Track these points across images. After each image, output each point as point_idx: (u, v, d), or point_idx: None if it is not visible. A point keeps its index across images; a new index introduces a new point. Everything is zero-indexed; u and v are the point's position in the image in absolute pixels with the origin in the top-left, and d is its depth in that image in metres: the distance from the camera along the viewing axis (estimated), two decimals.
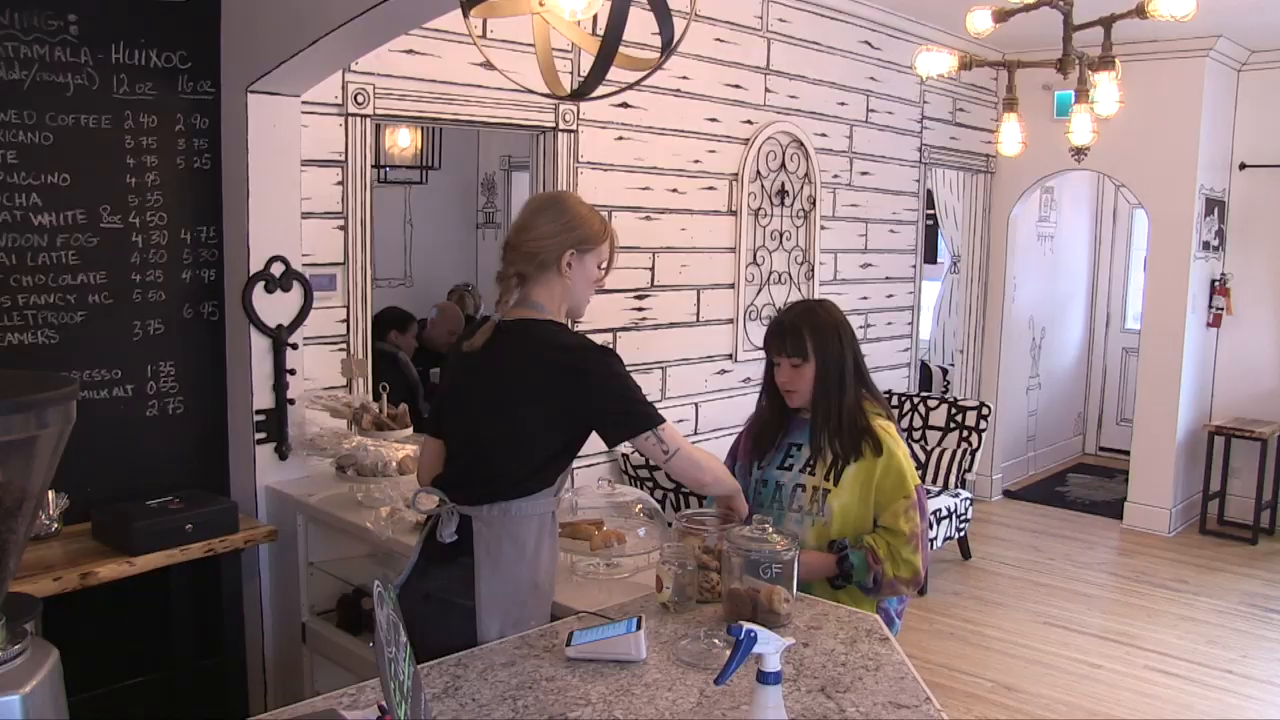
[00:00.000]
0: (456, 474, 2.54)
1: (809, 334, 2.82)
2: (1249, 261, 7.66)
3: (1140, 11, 3.70)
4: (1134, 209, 8.98)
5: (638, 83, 2.15)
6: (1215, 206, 7.50)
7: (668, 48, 1.93)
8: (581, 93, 1.97)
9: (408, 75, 4.07)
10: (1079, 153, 4.70)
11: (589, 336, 2.59)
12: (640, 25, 2.22)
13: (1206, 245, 7.45)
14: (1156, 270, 7.43)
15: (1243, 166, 7.61)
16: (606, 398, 2.45)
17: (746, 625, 1.84)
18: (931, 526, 5.23)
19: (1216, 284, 7.68)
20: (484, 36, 4.23)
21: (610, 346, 2.63)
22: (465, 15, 1.92)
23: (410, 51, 4.06)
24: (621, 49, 1.89)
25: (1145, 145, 7.16)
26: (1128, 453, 7.85)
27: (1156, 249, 7.43)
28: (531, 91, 2.51)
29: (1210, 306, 7.66)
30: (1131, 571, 6.74)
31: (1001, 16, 4.08)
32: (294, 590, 3.75)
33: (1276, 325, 7.60)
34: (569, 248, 2.49)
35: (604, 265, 2.60)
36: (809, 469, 2.84)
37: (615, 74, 2.14)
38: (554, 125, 4.58)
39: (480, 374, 2.51)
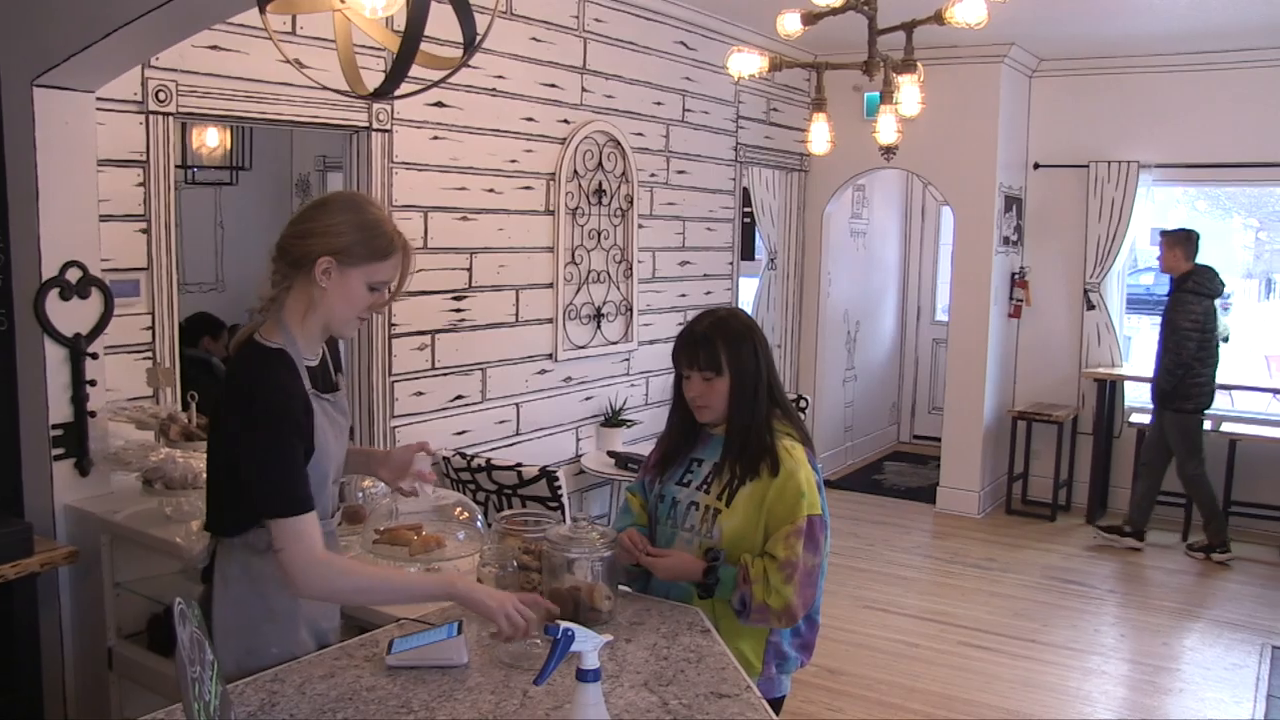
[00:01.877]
0: (208, 497, 2.38)
1: (723, 345, 2.63)
2: (1044, 255, 8.08)
3: (939, 18, 3.85)
4: (941, 206, 9.34)
5: (441, 81, 2.12)
6: (1013, 203, 7.88)
7: (470, 46, 1.91)
8: (382, 92, 1.93)
9: (213, 72, 3.92)
10: (888, 152, 4.85)
11: (277, 388, 2.20)
12: (449, 23, 2.19)
13: (1006, 240, 7.82)
14: (961, 264, 7.77)
15: (1037, 166, 8.02)
16: (245, 465, 2.17)
17: (564, 624, 1.84)
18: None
19: (1016, 277, 8.07)
20: (293, 33, 4.12)
21: (290, 407, 2.19)
22: (262, 11, 1.87)
23: (215, 48, 3.91)
24: (425, 48, 1.86)
25: (949, 145, 7.48)
26: (939, 440, 8.18)
27: (961, 244, 7.76)
28: (329, 89, 2.44)
29: (1011, 298, 8.05)
30: (945, 553, 7.02)
31: (810, 19, 4.18)
32: (99, 614, 3.55)
33: (1070, 315, 8.03)
34: (328, 253, 2.21)
35: (382, 288, 2.32)
36: (705, 487, 2.68)
37: (423, 73, 2.11)
38: (367, 125, 4.49)
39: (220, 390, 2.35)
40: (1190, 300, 6.66)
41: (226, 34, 3.92)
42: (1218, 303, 6.95)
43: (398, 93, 1.97)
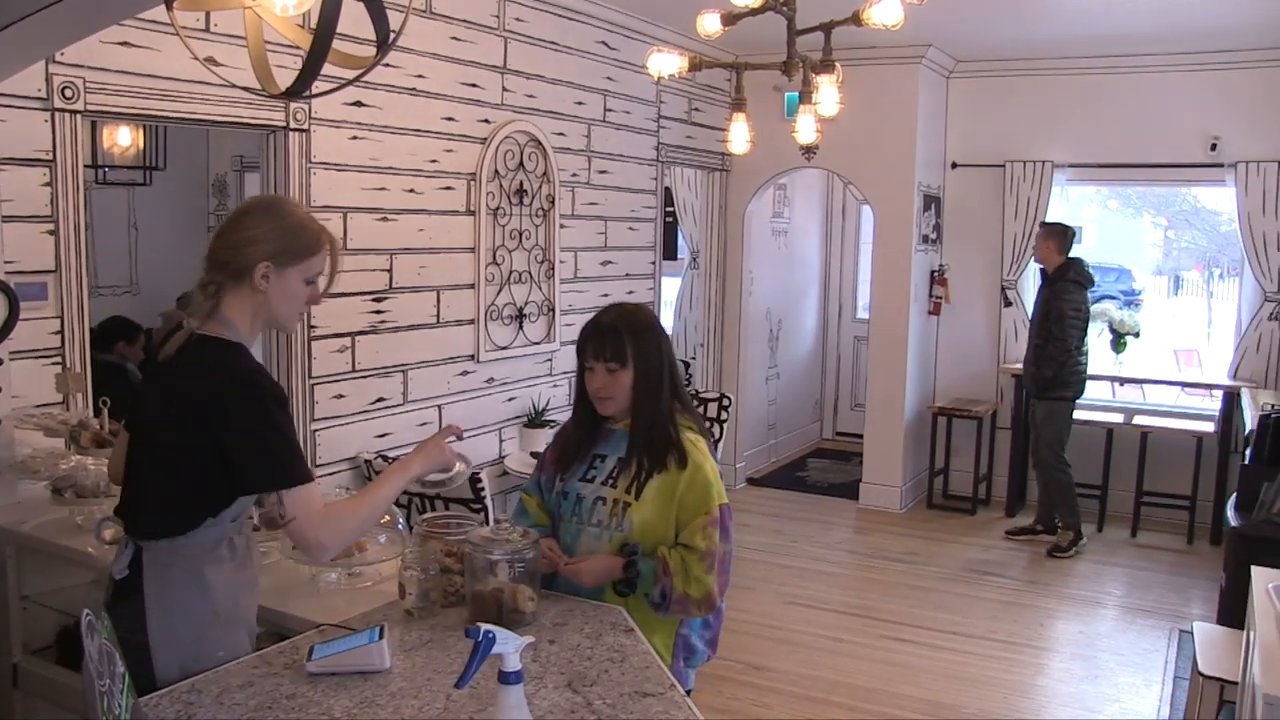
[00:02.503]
0: (132, 500, 2.37)
1: (628, 337, 2.65)
2: (963, 253, 8.21)
3: (856, 19, 3.89)
4: (861, 205, 9.44)
5: (355, 80, 2.10)
6: (932, 202, 7.99)
7: (384, 45, 1.89)
8: (294, 91, 1.90)
9: (124, 69, 3.83)
10: (808, 151, 4.89)
11: (262, 373, 2.34)
12: (365, 21, 2.17)
13: (925, 239, 7.93)
14: (881, 263, 7.86)
15: (954, 165, 8.14)
16: (247, 441, 2.22)
17: (485, 626, 1.83)
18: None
19: (935, 275, 8.19)
20: (207, 30, 4.04)
21: (277, 390, 2.32)
22: (169, 8, 1.83)
23: (125, 44, 3.82)
24: (339, 46, 1.83)
25: (869, 145, 7.57)
26: (862, 436, 8.27)
27: (881, 242, 7.85)
28: (239, 88, 2.40)
29: (930, 296, 8.16)
30: (868, 548, 7.10)
31: (729, 20, 4.20)
32: (2, 629, 3.45)
33: (988, 312, 8.17)
34: (264, 259, 2.29)
35: (317, 280, 2.40)
36: (611, 481, 2.69)
37: (340, 72, 2.08)
38: (285, 124, 4.42)
39: (158, 390, 2.36)
40: (1072, 290, 6.81)
41: (137, 30, 3.83)
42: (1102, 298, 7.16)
43: (311, 92, 1.94)
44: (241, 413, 2.22)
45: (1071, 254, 6.90)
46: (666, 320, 7.74)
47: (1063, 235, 6.90)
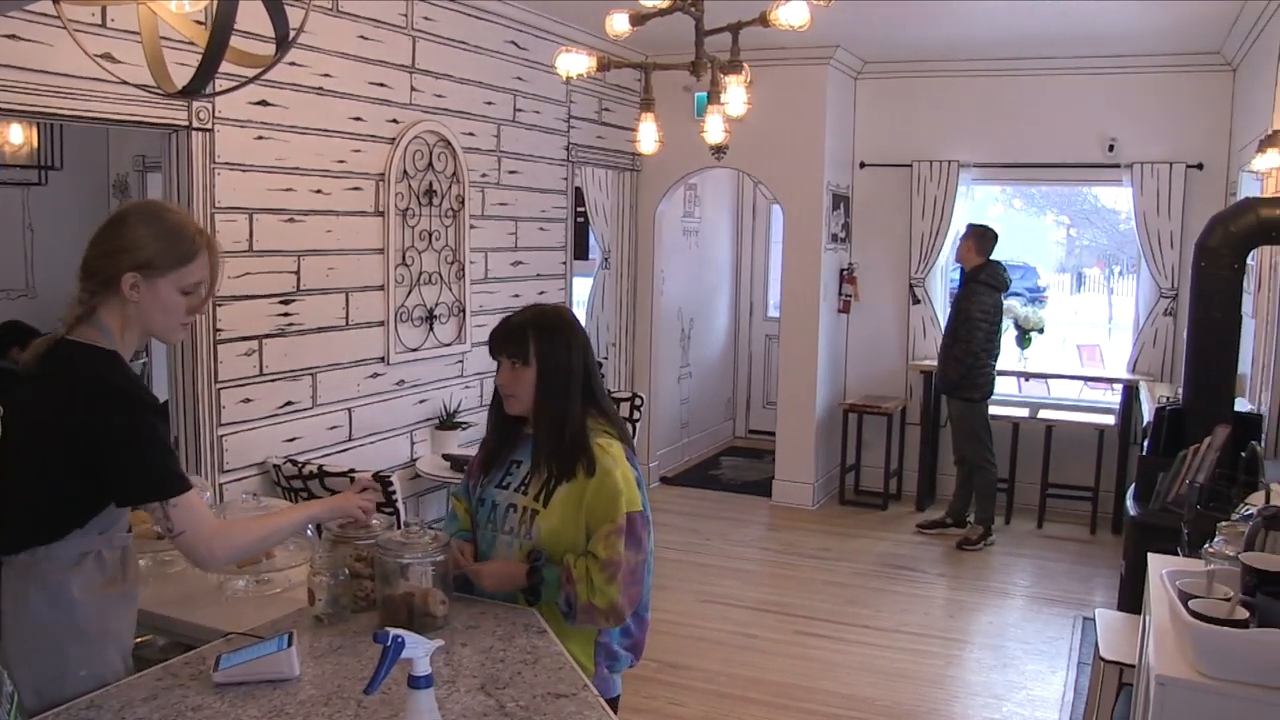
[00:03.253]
0: None
1: (533, 335, 2.63)
2: (872, 252, 8.32)
3: (764, 20, 3.91)
4: (771, 204, 9.52)
5: (255, 79, 2.05)
6: (841, 202, 8.09)
7: (283, 43, 1.86)
8: (191, 89, 1.85)
9: (13, 64, 3.70)
10: (717, 151, 4.90)
11: (135, 380, 2.27)
12: (269, 18, 2.13)
13: (835, 238, 8.02)
14: (791, 261, 7.93)
15: (863, 165, 8.25)
16: (122, 454, 2.15)
17: (393, 631, 1.81)
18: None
19: (845, 273, 8.29)
20: (104, 25, 3.94)
21: (151, 399, 2.25)
22: (56, 1, 1.78)
23: (14, 37, 3.69)
24: (239, 44, 1.80)
25: (778, 145, 7.63)
26: (774, 434, 8.34)
27: (790, 242, 7.93)
28: (133, 85, 2.34)
29: (840, 294, 8.26)
30: (781, 545, 7.17)
31: (638, 20, 4.19)
32: None
33: (897, 310, 8.29)
34: (132, 269, 2.20)
35: (197, 289, 2.30)
36: (523, 488, 2.65)
37: (243, 71, 2.04)
38: (187, 124, 4.32)
39: (21, 398, 2.26)
40: (983, 292, 6.95)
41: (28, 23, 3.70)
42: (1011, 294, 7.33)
43: (211, 90, 1.90)
44: (116, 423, 2.15)
45: (993, 257, 7.04)
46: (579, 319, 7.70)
47: (982, 237, 7.02)
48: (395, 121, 5.45)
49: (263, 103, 4.65)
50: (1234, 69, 7.14)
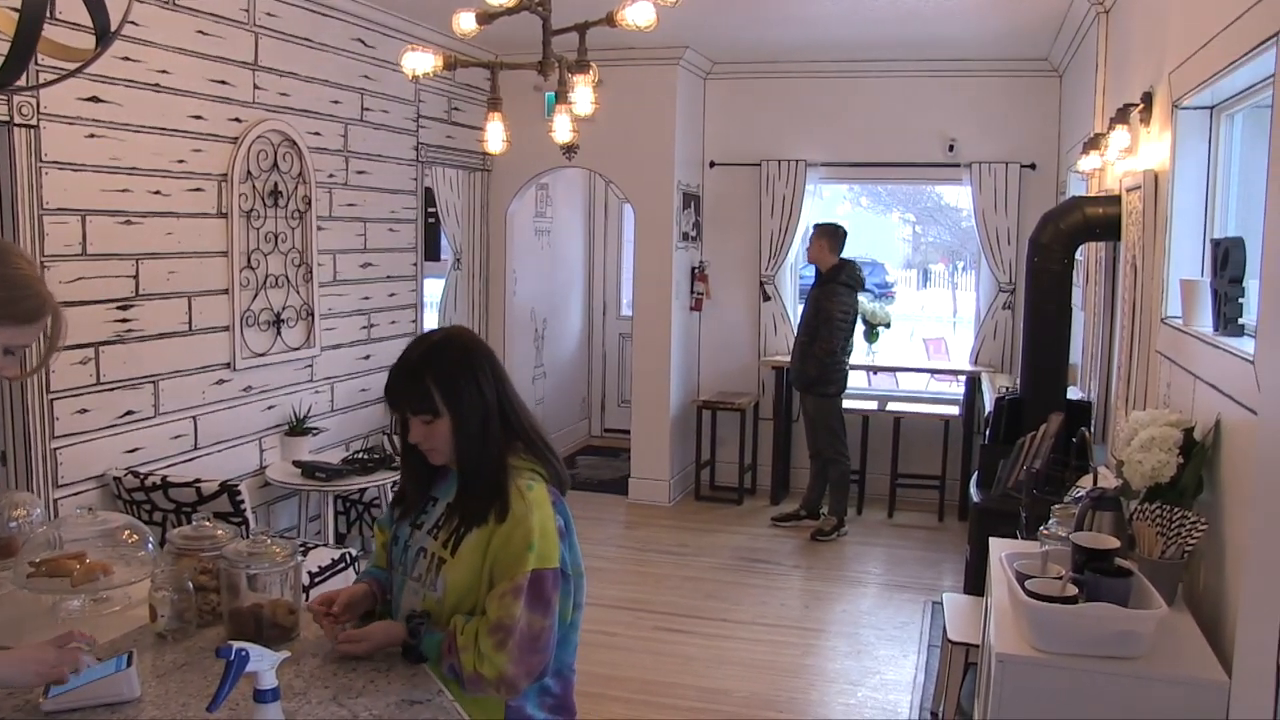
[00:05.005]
0: None
1: (434, 384, 2.30)
2: (723, 250, 8.43)
3: (610, 20, 3.92)
4: (623, 204, 9.56)
5: (74, 74, 1.97)
6: (691, 201, 8.17)
7: (104, 37, 1.78)
8: (0, 83, 1.76)
9: None
10: (568, 151, 4.91)
11: None
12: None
13: (686, 236, 8.10)
14: (643, 260, 7.98)
15: (713, 164, 8.35)
16: None
17: (236, 644, 1.76)
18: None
19: (696, 271, 8.37)
20: None
21: None
22: None
23: None
24: (57, 37, 1.72)
25: (629, 144, 7.68)
26: (629, 432, 8.38)
27: (642, 241, 7.98)
28: None
29: (692, 292, 8.34)
30: (638, 542, 7.21)
31: (485, 19, 4.16)
32: None
33: (748, 307, 8.41)
34: None
35: (19, 351, 2.05)
36: (435, 531, 2.37)
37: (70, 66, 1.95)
38: (8, 119, 4.11)
39: None
40: (843, 292, 7.11)
41: None
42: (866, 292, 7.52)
43: (25, 84, 1.81)
44: None
45: (844, 255, 7.19)
46: (430, 322, 7.62)
47: (833, 235, 7.17)
48: (238, 120, 5.30)
49: (94, 99, 4.46)
50: (1060, 75, 7.46)
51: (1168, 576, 2.73)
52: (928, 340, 13.70)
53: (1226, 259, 2.89)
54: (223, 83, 5.20)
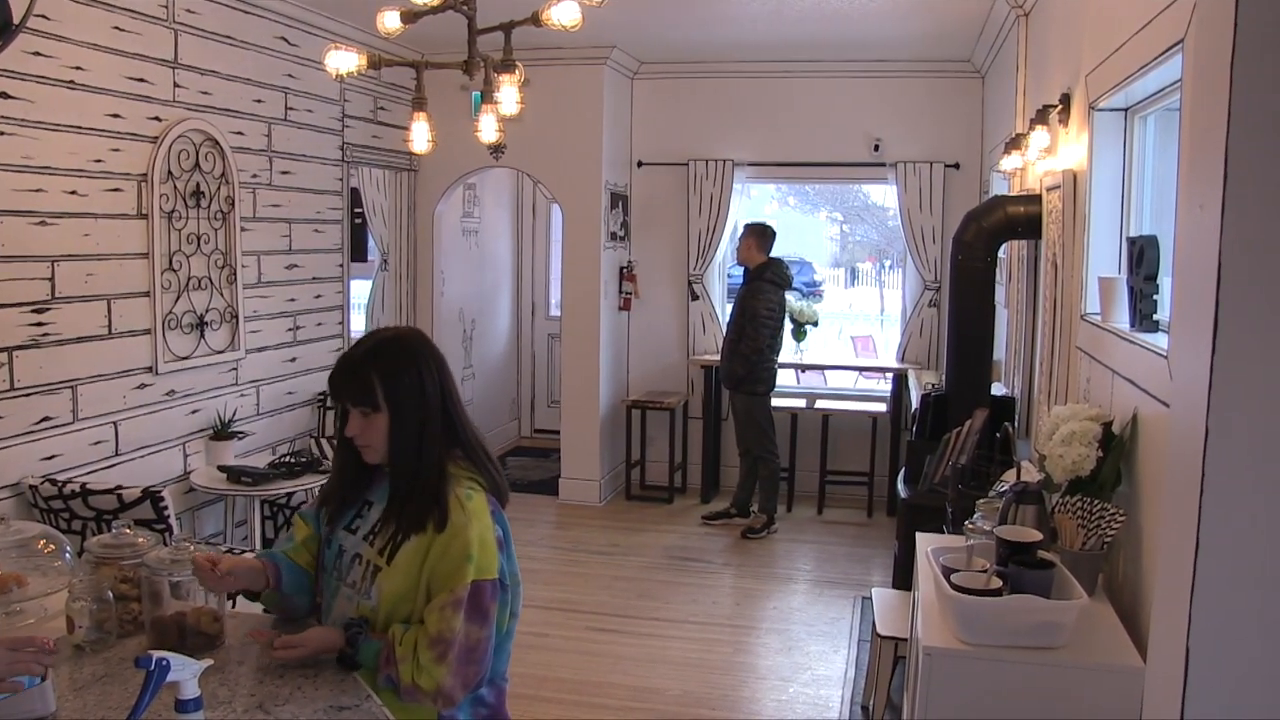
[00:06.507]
0: None
1: (377, 376, 2.30)
2: (651, 250, 8.44)
3: (535, 20, 3.91)
4: (551, 203, 9.54)
5: None
6: (619, 200, 8.18)
7: (4, 30, 1.74)
8: None
9: None
10: (495, 151, 4.88)
11: None
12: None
13: (614, 236, 8.10)
14: (571, 260, 7.98)
15: (640, 164, 8.35)
16: None
17: (156, 654, 1.73)
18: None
19: (625, 271, 8.38)
20: None
21: None
22: None
23: None
24: None
25: (556, 144, 7.67)
26: (559, 432, 8.36)
27: (570, 241, 7.97)
28: None
29: (620, 292, 8.35)
30: (569, 542, 7.20)
31: (410, 18, 4.13)
32: None
33: (676, 306, 8.44)
34: None
35: None
36: (371, 537, 2.34)
37: None
38: None
39: None
40: (769, 290, 7.17)
41: None
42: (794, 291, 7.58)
43: None
44: None
45: (773, 254, 7.24)
46: (357, 324, 7.54)
47: (762, 234, 7.22)
48: (157, 119, 5.20)
49: (3, 95, 4.35)
50: (983, 76, 7.58)
51: (1088, 567, 2.79)
52: (855, 338, 13.79)
53: (1142, 257, 2.95)
54: (141, 80, 5.10)
